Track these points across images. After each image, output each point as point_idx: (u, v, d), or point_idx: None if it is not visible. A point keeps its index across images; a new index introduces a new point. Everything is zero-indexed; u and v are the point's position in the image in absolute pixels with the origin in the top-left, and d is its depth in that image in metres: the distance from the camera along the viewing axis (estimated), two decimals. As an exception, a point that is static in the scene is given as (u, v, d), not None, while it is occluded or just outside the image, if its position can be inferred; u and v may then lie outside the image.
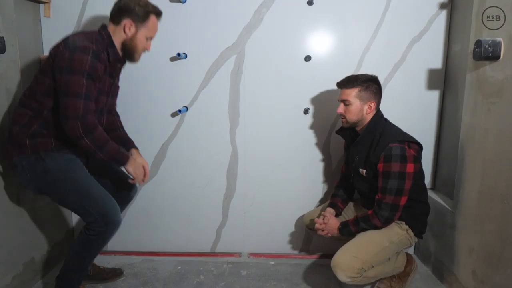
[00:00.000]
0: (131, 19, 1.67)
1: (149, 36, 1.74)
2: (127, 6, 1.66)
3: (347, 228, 1.85)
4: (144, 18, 1.69)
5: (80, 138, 1.52)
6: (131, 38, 1.70)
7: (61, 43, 1.58)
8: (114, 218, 1.68)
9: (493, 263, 1.64)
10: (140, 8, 1.67)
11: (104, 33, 1.67)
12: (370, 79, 1.83)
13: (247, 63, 2.18)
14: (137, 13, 1.67)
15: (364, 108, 1.83)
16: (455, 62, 2.11)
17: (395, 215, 1.76)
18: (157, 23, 1.76)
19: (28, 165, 1.62)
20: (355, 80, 1.82)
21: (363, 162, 1.86)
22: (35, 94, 1.61)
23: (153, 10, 1.72)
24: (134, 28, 1.68)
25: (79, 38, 1.58)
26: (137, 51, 1.74)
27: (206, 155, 2.28)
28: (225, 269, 2.24)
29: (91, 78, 1.54)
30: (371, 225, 1.79)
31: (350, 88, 1.82)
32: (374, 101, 1.83)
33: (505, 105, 1.57)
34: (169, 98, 2.21)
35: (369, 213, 1.79)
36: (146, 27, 1.71)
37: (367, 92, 1.82)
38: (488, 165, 1.69)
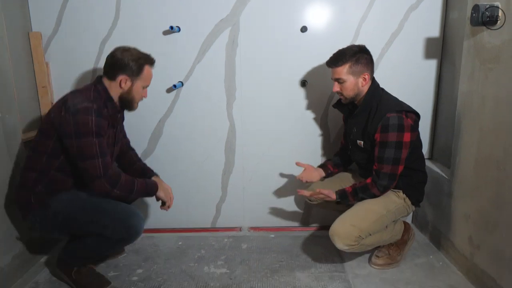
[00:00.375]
0: (126, 75, 1.68)
1: (145, 85, 1.76)
2: (121, 62, 1.67)
3: (345, 199, 1.86)
4: (139, 71, 1.70)
5: (110, 192, 1.61)
6: (127, 92, 1.72)
7: (61, 107, 1.60)
8: (130, 221, 1.66)
9: (489, 229, 1.67)
10: (133, 63, 1.67)
11: (100, 88, 1.69)
12: (357, 51, 1.78)
13: (242, 35, 2.14)
14: (131, 68, 1.67)
15: (358, 82, 1.81)
16: (452, 30, 2.08)
17: (392, 183, 1.78)
18: (151, 71, 1.77)
19: (41, 218, 1.68)
20: (343, 57, 1.78)
21: (361, 133, 1.86)
22: (41, 156, 1.65)
23: (146, 61, 1.72)
24: (129, 82, 1.71)
25: (78, 100, 1.59)
26: (135, 101, 1.77)
27: (204, 130, 2.27)
28: (225, 243, 2.27)
29: (100, 135, 1.60)
30: (370, 194, 1.81)
31: (340, 66, 1.79)
32: (367, 72, 1.80)
33: (503, 71, 1.56)
34: (163, 73, 2.17)
35: (367, 182, 1.80)
36: (141, 79, 1.73)
37: (358, 66, 1.78)
38: (484, 133, 1.69)
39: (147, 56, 1.74)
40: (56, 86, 2.21)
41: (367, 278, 1.88)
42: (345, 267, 1.97)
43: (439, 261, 2.00)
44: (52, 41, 2.16)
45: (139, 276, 1.92)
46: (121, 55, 1.67)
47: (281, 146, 2.30)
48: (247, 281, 1.87)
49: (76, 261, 1.79)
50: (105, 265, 2.01)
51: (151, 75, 1.78)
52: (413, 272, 1.92)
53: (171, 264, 2.03)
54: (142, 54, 1.73)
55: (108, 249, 1.83)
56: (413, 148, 1.80)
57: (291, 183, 2.36)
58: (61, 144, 1.62)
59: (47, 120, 1.64)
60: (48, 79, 2.17)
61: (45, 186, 1.67)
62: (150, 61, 1.75)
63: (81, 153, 1.57)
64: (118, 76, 1.68)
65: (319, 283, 1.84)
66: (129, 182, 1.68)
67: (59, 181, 1.69)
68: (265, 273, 1.94)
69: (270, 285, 1.84)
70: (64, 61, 2.18)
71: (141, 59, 1.70)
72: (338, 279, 1.87)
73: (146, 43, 2.13)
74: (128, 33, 2.14)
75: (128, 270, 1.97)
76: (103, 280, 1.83)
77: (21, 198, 1.69)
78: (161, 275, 1.93)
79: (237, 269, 1.98)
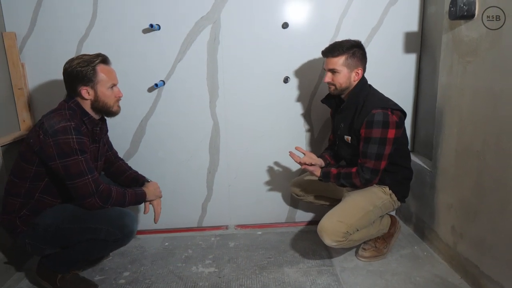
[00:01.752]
0: (82, 85, 1.63)
1: (110, 85, 1.68)
2: (72, 74, 1.62)
3: (327, 179, 1.89)
4: (93, 75, 1.63)
5: (102, 207, 1.61)
6: (95, 100, 1.67)
7: (38, 131, 1.56)
8: (123, 221, 1.64)
9: (470, 217, 1.71)
10: (83, 69, 1.61)
11: (73, 105, 1.65)
12: (354, 45, 1.80)
13: (223, 32, 2.12)
14: (84, 76, 1.62)
15: (351, 76, 1.82)
16: (431, 24, 2.12)
17: (375, 178, 1.80)
18: (109, 69, 1.70)
19: (31, 238, 1.64)
20: (340, 48, 1.79)
21: (348, 129, 1.88)
22: (24, 182, 1.63)
23: (97, 61, 1.65)
24: (91, 89, 1.65)
25: (54, 120, 1.56)
26: (109, 105, 1.71)
27: (187, 129, 2.25)
28: (213, 242, 2.26)
29: (84, 152, 1.58)
30: (351, 183, 1.84)
31: (336, 57, 1.79)
32: (361, 67, 1.83)
33: (480, 64, 1.60)
34: (144, 72, 2.14)
35: (352, 171, 1.82)
36: (101, 82, 1.66)
37: (353, 59, 1.80)
38: (464, 124, 1.73)
39: (97, 56, 1.66)
40: (32, 88, 2.15)
41: (354, 270, 1.90)
42: (333, 261, 1.99)
43: (424, 251, 2.04)
44: (28, 41, 2.09)
45: (126, 279, 1.89)
46: (69, 67, 1.62)
47: (265, 143, 2.30)
48: (236, 279, 1.87)
49: (62, 267, 1.74)
50: (90, 270, 1.97)
51: (112, 72, 1.70)
52: (399, 263, 1.95)
53: (159, 265, 2.01)
54: (90, 57, 1.65)
55: (102, 252, 1.82)
56: (399, 144, 1.82)
57: (276, 180, 2.37)
58: (44, 168, 1.61)
59: (26, 146, 1.60)
60: (24, 80, 2.11)
61: (30, 209, 1.65)
62: (101, 59, 1.66)
63: (68, 173, 1.54)
64: (78, 88, 1.63)
65: (307, 278, 1.85)
66: (120, 195, 1.67)
67: (45, 202, 1.67)
68: (254, 270, 1.94)
69: (259, 281, 1.84)
70: (41, 61, 2.11)
71: (91, 62, 1.63)
72: (326, 273, 1.89)
73: (126, 42, 2.10)
74: (106, 32, 2.09)
75: (115, 274, 1.94)
76: (90, 284, 1.80)
77: (6, 223, 1.66)
78: (148, 276, 1.91)
79: (225, 267, 1.97)
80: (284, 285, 1.80)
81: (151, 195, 1.83)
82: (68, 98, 1.67)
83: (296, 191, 2.16)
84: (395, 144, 1.77)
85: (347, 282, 1.81)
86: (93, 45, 2.09)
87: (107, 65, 1.70)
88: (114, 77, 1.72)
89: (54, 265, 1.74)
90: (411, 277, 1.82)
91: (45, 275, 1.76)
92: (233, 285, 1.82)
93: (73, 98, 1.66)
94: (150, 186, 1.88)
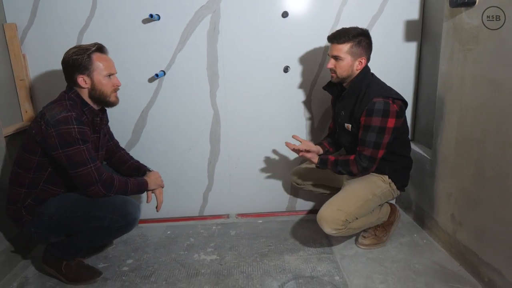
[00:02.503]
0: (79, 73, 1.64)
1: (107, 74, 1.68)
2: (69, 63, 1.63)
3: (324, 165, 1.90)
4: (89, 63, 1.64)
5: (105, 195, 1.64)
6: (92, 88, 1.67)
7: (40, 121, 1.57)
8: (126, 209, 1.67)
9: (470, 206, 1.72)
10: (79, 57, 1.62)
11: (73, 95, 1.67)
12: (361, 33, 1.78)
13: (223, 22, 2.11)
14: (79, 64, 1.62)
15: (354, 64, 1.81)
16: (431, 12, 2.10)
17: (372, 166, 1.80)
18: (105, 57, 1.70)
19: (37, 226, 1.67)
20: (346, 35, 1.76)
21: (348, 116, 1.88)
22: (28, 172, 1.65)
23: (93, 50, 1.65)
24: (88, 78, 1.66)
25: (55, 111, 1.58)
26: (106, 94, 1.71)
27: (188, 119, 2.26)
28: (214, 231, 2.28)
29: (86, 141, 1.60)
30: (348, 171, 1.84)
31: (342, 44, 1.77)
32: (365, 56, 1.81)
33: (481, 51, 1.59)
34: (144, 62, 2.15)
35: (350, 159, 1.83)
36: (97, 70, 1.66)
37: (358, 48, 1.78)
38: (464, 112, 1.73)
39: (92, 45, 1.67)
40: (34, 79, 2.16)
41: (354, 258, 1.92)
42: (333, 249, 2.02)
43: (423, 239, 2.06)
44: (28, 33, 2.10)
45: (129, 266, 1.92)
46: (66, 57, 1.64)
47: (265, 132, 2.31)
48: (237, 266, 1.90)
49: (68, 254, 1.78)
50: (94, 257, 2.00)
51: (108, 61, 1.71)
52: (398, 250, 1.97)
53: (161, 253, 2.04)
54: (86, 46, 1.66)
55: (106, 239, 1.86)
56: (399, 134, 1.83)
57: (277, 169, 2.38)
58: (47, 158, 1.63)
59: (29, 137, 1.63)
60: (25, 71, 2.12)
61: (34, 199, 1.68)
62: (97, 48, 1.67)
63: (71, 162, 1.56)
64: (75, 77, 1.64)
65: (308, 265, 1.87)
66: (123, 184, 1.69)
67: (49, 192, 1.70)
68: (255, 257, 1.96)
69: (260, 269, 1.86)
70: (42, 52, 2.12)
71: (86, 51, 1.64)
72: (326, 260, 1.91)
73: (126, 32, 2.10)
74: (106, 23, 2.09)
75: (118, 261, 1.97)
76: (94, 271, 1.84)
77: (12, 213, 1.69)
78: (151, 264, 1.94)
79: (227, 255, 2.00)
80: (285, 272, 1.83)
81: (153, 184, 1.86)
82: (68, 89, 1.69)
83: (296, 180, 2.18)
84: (394, 134, 1.77)
85: (347, 269, 1.83)
86: (93, 35, 2.09)
87: (103, 53, 1.70)
88: (111, 66, 1.72)
89: (59, 253, 1.77)
90: (410, 264, 1.84)
91: (51, 263, 1.79)
92: (235, 272, 1.85)
93: (72, 89, 1.67)
94: (151, 175, 1.90)
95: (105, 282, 1.80)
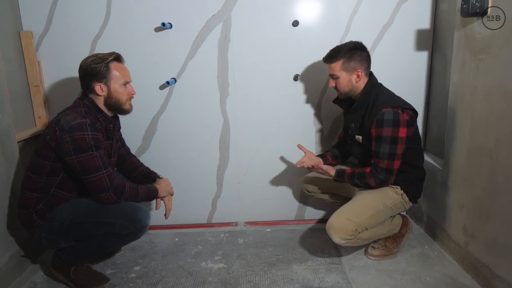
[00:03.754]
0: (96, 81, 1.67)
1: (123, 82, 1.72)
2: (87, 71, 1.66)
3: (341, 178, 1.89)
4: (106, 72, 1.67)
5: (116, 202, 1.65)
6: (108, 96, 1.71)
7: (55, 127, 1.60)
8: (136, 215, 1.68)
9: (483, 217, 1.68)
10: (97, 66, 1.65)
11: (88, 102, 1.70)
12: (353, 48, 1.80)
13: (234, 30, 2.14)
14: (97, 72, 1.66)
15: (352, 79, 1.83)
16: (443, 21, 2.09)
17: (390, 178, 1.78)
18: (122, 66, 1.74)
19: (47, 232, 1.69)
20: (337, 53, 1.81)
21: (359, 128, 1.88)
22: (40, 177, 1.66)
23: (110, 59, 1.69)
24: (104, 86, 1.69)
25: (70, 117, 1.61)
26: (122, 102, 1.74)
27: (197, 126, 2.27)
28: (222, 238, 2.28)
29: (99, 148, 1.62)
30: (365, 183, 1.83)
31: (334, 63, 1.83)
32: (360, 68, 1.81)
33: (493, 61, 1.57)
34: (156, 70, 2.17)
35: (366, 171, 1.82)
36: (114, 79, 1.70)
37: (350, 63, 1.80)
38: (476, 122, 1.71)
39: (110, 54, 1.71)
40: (48, 85, 2.20)
41: (363, 269, 1.90)
42: (342, 259, 1.99)
43: (434, 251, 2.02)
44: (44, 40, 2.14)
45: (137, 273, 1.92)
46: (84, 64, 1.67)
47: (275, 140, 2.31)
48: (245, 275, 1.88)
49: (77, 259, 1.79)
50: (102, 263, 2.01)
51: (124, 70, 1.75)
52: (409, 262, 1.94)
53: (169, 260, 2.04)
54: (104, 55, 1.70)
55: (115, 245, 1.88)
56: (411, 143, 1.81)
57: (286, 177, 2.37)
58: (60, 163, 1.65)
59: (43, 142, 1.65)
60: (40, 78, 2.16)
61: (46, 204, 1.69)
62: (114, 57, 1.71)
63: (84, 168, 1.58)
64: (92, 85, 1.67)
65: (316, 276, 1.85)
66: (134, 190, 1.71)
67: (60, 197, 1.71)
68: (262, 267, 1.95)
69: (268, 278, 1.85)
70: (56, 59, 2.17)
71: (104, 60, 1.67)
72: (335, 271, 1.89)
73: (138, 40, 2.14)
74: (119, 31, 2.13)
75: (126, 267, 1.97)
76: (102, 277, 1.84)
77: (23, 217, 1.71)
78: (159, 271, 1.94)
79: (234, 263, 1.99)
80: (293, 282, 1.81)
81: (163, 192, 1.87)
82: (83, 96, 1.72)
83: (308, 188, 2.16)
84: (407, 143, 1.76)
85: (356, 280, 1.80)
86: (107, 43, 2.13)
87: (120, 62, 1.74)
88: (127, 75, 1.76)
89: (69, 258, 1.78)
90: (421, 276, 1.81)
91: (60, 268, 1.80)
92: (242, 281, 1.83)
93: (87, 96, 1.70)
94: (162, 182, 1.91)
95: (113, 288, 1.81)
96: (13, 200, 1.85)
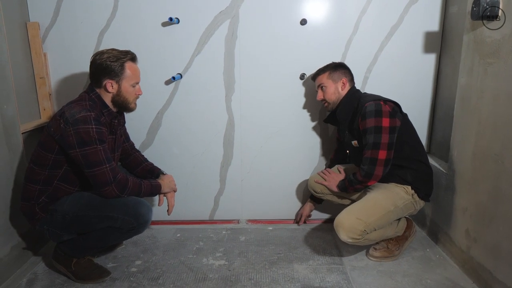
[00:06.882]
0: (108, 78, 1.67)
1: (133, 83, 1.73)
2: (101, 66, 1.66)
3: (344, 189, 1.97)
4: (121, 71, 1.68)
5: (119, 196, 1.65)
6: (117, 94, 1.71)
7: (59, 119, 1.60)
8: (138, 210, 1.68)
9: (486, 222, 1.68)
10: (112, 64, 1.65)
11: (94, 96, 1.70)
12: (337, 64, 1.99)
13: (241, 27, 2.13)
14: (112, 69, 1.66)
15: (338, 86, 1.97)
16: (452, 24, 2.08)
17: (374, 169, 1.79)
18: (135, 67, 1.74)
19: (49, 224, 1.70)
20: (324, 68, 2.00)
21: (351, 133, 1.94)
22: (43, 169, 1.66)
23: (126, 59, 1.69)
24: (115, 84, 1.69)
25: (75, 110, 1.60)
26: (129, 101, 1.75)
27: (202, 123, 2.27)
28: (224, 235, 2.28)
29: (103, 142, 1.62)
30: (358, 181, 1.87)
31: (321, 74, 1.99)
32: (344, 77, 1.97)
33: (502, 65, 1.56)
34: (162, 65, 2.17)
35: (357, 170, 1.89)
36: (126, 78, 1.70)
37: (335, 73, 1.97)
38: (482, 126, 1.70)
39: (127, 53, 1.71)
40: (54, 77, 2.20)
41: (364, 270, 1.89)
42: (343, 260, 1.99)
43: (436, 254, 2.02)
44: (50, 32, 2.14)
45: (138, 267, 1.92)
46: (99, 59, 1.66)
47: (279, 139, 2.30)
48: (246, 272, 1.88)
49: (78, 252, 1.79)
50: (103, 257, 2.01)
51: (137, 70, 1.75)
52: (410, 265, 1.93)
53: (170, 256, 2.04)
54: (121, 53, 1.70)
55: (117, 239, 1.86)
56: (404, 136, 1.84)
57: (290, 176, 2.37)
58: (63, 156, 1.65)
59: (47, 134, 1.65)
60: (46, 69, 2.16)
61: (48, 196, 1.69)
62: (130, 57, 1.71)
63: (87, 161, 1.58)
64: (103, 81, 1.67)
65: (317, 275, 1.85)
66: (137, 185, 1.70)
67: (62, 190, 1.71)
68: (264, 265, 1.95)
69: (269, 276, 1.85)
70: (62, 51, 2.16)
71: (120, 58, 1.67)
72: (336, 271, 1.89)
73: (145, 34, 2.13)
74: (126, 24, 2.12)
75: (127, 262, 1.98)
76: (103, 270, 1.84)
77: (26, 209, 1.71)
78: (160, 266, 1.94)
79: (235, 261, 1.99)
80: (293, 281, 1.81)
81: (166, 188, 1.87)
82: (90, 89, 1.71)
83: (316, 188, 2.15)
84: (393, 133, 1.77)
85: (357, 281, 1.80)
86: (114, 36, 2.12)
87: (135, 63, 1.74)
88: (139, 76, 1.76)
89: (70, 251, 1.78)
90: (422, 279, 1.81)
91: (61, 260, 1.80)
92: (243, 278, 1.83)
93: (94, 91, 1.70)
94: (165, 178, 1.91)
95: (113, 282, 1.81)
96: (16, 191, 1.85)
